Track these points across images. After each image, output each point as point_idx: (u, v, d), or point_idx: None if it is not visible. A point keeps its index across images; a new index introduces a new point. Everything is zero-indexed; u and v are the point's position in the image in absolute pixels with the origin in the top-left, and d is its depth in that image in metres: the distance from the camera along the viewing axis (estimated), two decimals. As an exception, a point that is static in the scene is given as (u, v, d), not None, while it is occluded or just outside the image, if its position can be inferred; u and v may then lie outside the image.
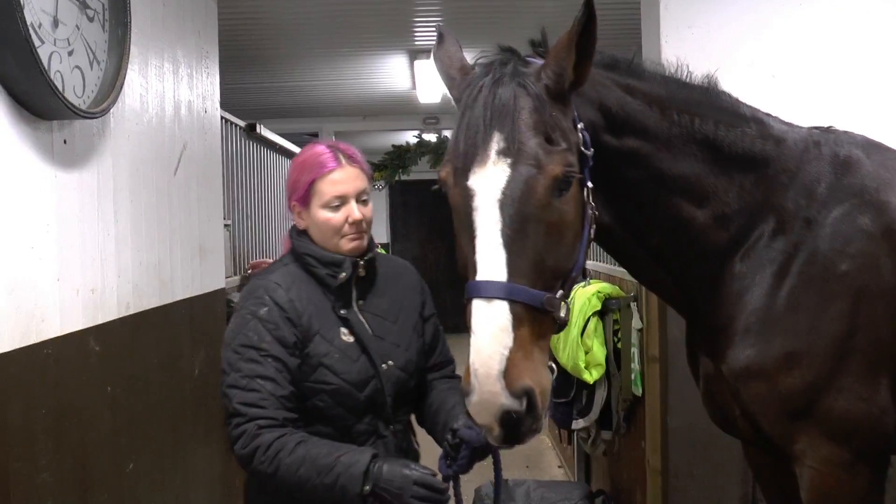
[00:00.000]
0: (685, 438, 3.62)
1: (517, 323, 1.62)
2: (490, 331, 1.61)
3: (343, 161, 2.12)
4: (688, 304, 2.20)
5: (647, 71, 2.09)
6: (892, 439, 2.05)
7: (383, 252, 2.41)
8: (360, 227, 2.12)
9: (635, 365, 3.98)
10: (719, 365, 2.12)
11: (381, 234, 12.31)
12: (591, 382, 4.15)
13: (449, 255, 13.10)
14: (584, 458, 5.41)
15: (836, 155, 2.12)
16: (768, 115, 2.19)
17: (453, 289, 12.90)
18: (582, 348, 4.12)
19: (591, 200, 1.81)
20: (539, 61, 1.83)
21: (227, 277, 4.17)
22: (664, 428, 3.69)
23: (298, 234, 2.18)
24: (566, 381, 4.38)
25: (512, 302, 1.63)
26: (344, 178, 2.11)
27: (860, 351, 1.99)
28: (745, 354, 2.04)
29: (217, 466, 3.75)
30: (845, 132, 2.22)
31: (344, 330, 2.11)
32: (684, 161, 2.03)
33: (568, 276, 1.76)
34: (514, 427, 1.62)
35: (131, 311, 2.81)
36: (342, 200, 2.09)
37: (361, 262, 2.14)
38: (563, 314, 1.72)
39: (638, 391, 3.98)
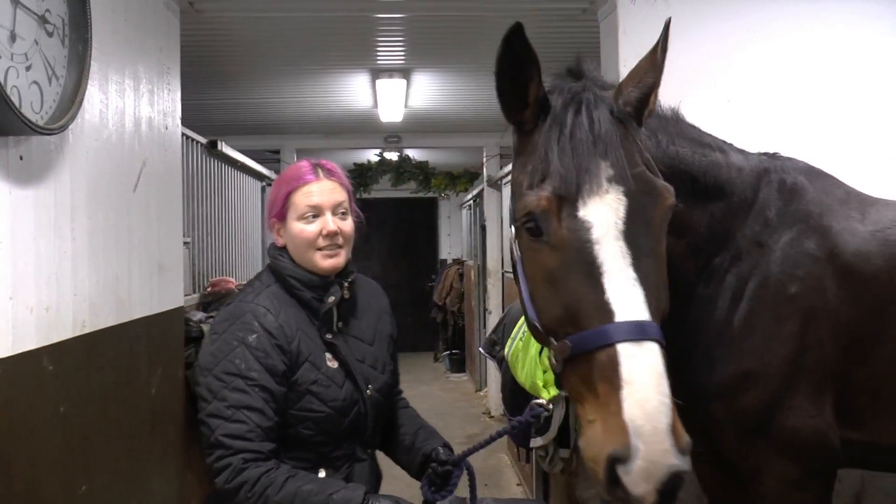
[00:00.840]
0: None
1: (665, 366, 1.43)
2: (652, 379, 1.39)
3: (320, 174, 2.09)
4: None
5: None
6: (838, 455, 2.11)
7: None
8: (336, 241, 2.07)
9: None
10: (679, 388, 2.16)
11: (342, 251, 12.25)
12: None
13: (410, 272, 13.12)
14: (543, 476, 5.42)
15: (784, 182, 2.20)
16: (725, 143, 2.25)
17: (414, 307, 12.89)
18: (540, 367, 4.14)
19: None
20: (602, 92, 1.72)
21: (186, 295, 4.12)
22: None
23: (279, 252, 2.12)
24: (524, 400, 4.39)
25: (661, 344, 1.45)
26: (319, 190, 2.07)
27: (809, 370, 2.06)
28: (705, 375, 2.09)
29: (174, 487, 3.69)
30: (789, 159, 2.30)
31: (329, 355, 2.06)
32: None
33: (665, 317, 1.58)
34: (675, 491, 1.37)
35: (87, 330, 2.76)
36: (316, 211, 2.05)
37: (346, 284, 2.11)
38: None
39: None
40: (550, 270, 1.54)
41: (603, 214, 1.52)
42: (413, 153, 9.80)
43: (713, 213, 2.12)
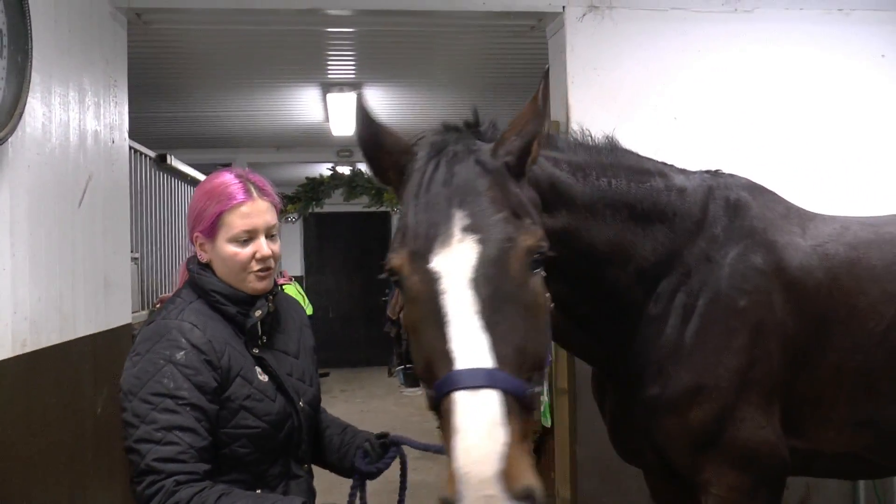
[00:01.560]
0: (594, 468, 3.69)
1: (510, 415, 1.40)
2: (482, 426, 1.38)
3: (254, 193, 1.99)
4: (606, 357, 2.25)
5: (560, 140, 2.13)
6: (787, 464, 2.15)
7: (293, 283, 2.36)
8: (268, 264, 2.01)
9: (545, 397, 4.04)
10: (632, 405, 2.18)
11: (294, 266, 12.15)
12: (504, 415, 4.17)
13: (364, 287, 13.05)
14: None
15: (728, 199, 2.24)
16: (666, 164, 2.29)
17: (367, 321, 12.77)
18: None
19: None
20: (481, 143, 1.74)
21: (133, 312, 4.04)
22: (573, 458, 3.75)
23: (201, 267, 2.02)
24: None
25: (503, 392, 1.42)
26: (254, 212, 1.98)
27: (757, 382, 2.10)
28: (657, 392, 2.11)
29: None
30: (731, 175, 2.35)
31: (258, 369, 1.99)
32: (609, 227, 2.07)
33: (543, 366, 1.57)
34: None
35: (28, 349, 2.68)
36: (251, 235, 1.97)
37: (271, 298, 2.06)
38: (538, 415, 1.57)
39: (547, 423, 4.03)
40: (412, 322, 1.57)
41: (452, 264, 1.52)
42: (365, 167, 9.76)
43: (656, 237, 2.15)
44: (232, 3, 3.82)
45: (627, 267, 2.11)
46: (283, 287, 2.44)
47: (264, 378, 2.00)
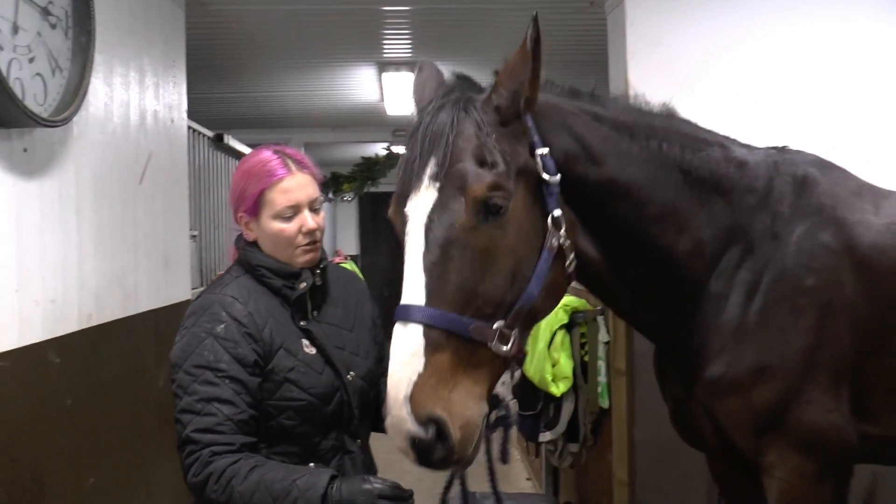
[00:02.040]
0: (652, 451, 3.64)
1: (433, 349, 1.56)
2: (401, 355, 1.57)
3: (293, 167, 2.00)
4: (664, 331, 2.20)
5: (608, 99, 2.09)
6: (855, 449, 2.08)
7: (349, 262, 2.37)
8: (315, 237, 2.02)
9: (602, 378, 4.00)
10: (693, 385, 2.14)
11: (350, 246, 12.26)
12: (559, 395, 4.15)
13: (418, 267, 13.14)
14: (552, 471, 5.41)
15: (794, 175, 2.17)
16: (727, 138, 2.23)
17: (422, 301, 12.72)
18: (549, 361, 4.13)
19: (560, 230, 1.76)
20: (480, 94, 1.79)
21: (192, 289, 4.12)
22: (631, 440, 3.71)
23: (247, 244, 2.05)
24: (533, 394, 4.38)
25: (428, 327, 1.57)
26: (295, 186, 1.98)
27: (825, 364, 2.03)
28: (720, 371, 2.06)
29: (182, 480, 3.69)
30: (798, 152, 2.27)
31: (305, 342, 2.00)
32: (659, 187, 2.03)
33: (510, 307, 1.67)
34: (425, 454, 1.57)
35: (93, 323, 2.76)
36: (295, 210, 1.98)
37: (318, 271, 2.05)
38: (506, 347, 1.65)
39: (605, 404, 3.99)
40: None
41: (415, 209, 1.66)
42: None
43: (712, 209, 2.09)
44: (288, -17, 3.84)
45: (682, 236, 2.05)
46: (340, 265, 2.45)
47: (311, 351, 2.00)
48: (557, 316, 4.17)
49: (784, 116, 3.69)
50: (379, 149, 9.44)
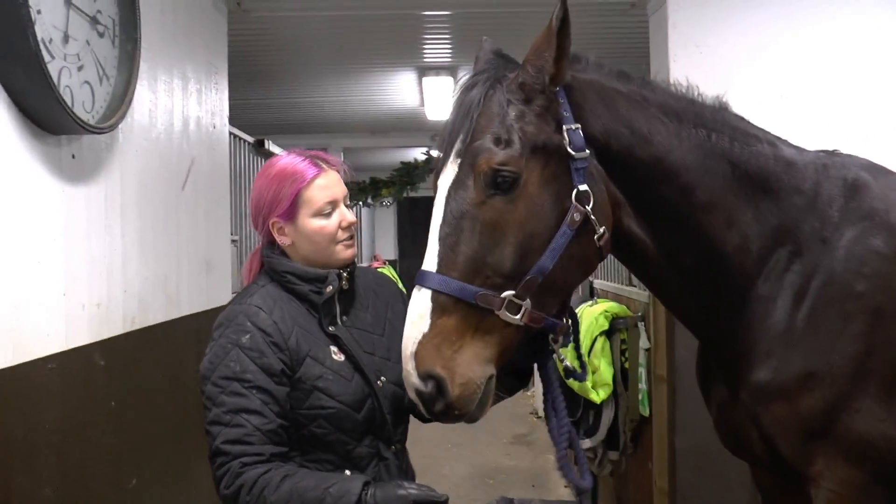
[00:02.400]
0: (693, 459, 3.59)
1: (440, 312, 1.71)
2: (412, 317, 1.73)
3: (324, 166, 2.02)
4: (710, 327, 2.17)
5: (658, 85, 2.09)
6: None
7: (387, 267, 2.35)
8: (352, 231, 2.02)
9: (643, 385, 3.96)
10: (738, 389, 2.10)
11: (388, 250, 12.31)
12: (598, 402, 4.12)
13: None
14: (591, 479, 5.36)
15: (845, 178, 2.12)
16: (778, 137, 2.19)
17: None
18: (589, 368, 4.10)
19: (586, 205, 1.81)
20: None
21: (233, 293, 4.16)
22: (671, 449, 3.66)
23: (271, 252, 2.05)
24: (573, 401, 4.35)
25: (437, 292, 1.72)
26: (330, 183, 2.00)
27: (877, 372, 1.98)
28: (766, 376, 2.02)
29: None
30: (850, 156, 2.22)
31: (334, 348, 1.98)
32: (706, 175, 2.01)
33: (521, 278, 1.75)
34: (427, 406, 1.73)
35: (137, 326, 2.80)
36: (333, 205, 1.99)
37: (345, 274, 2.03)
38: (517, 316, 1.74)
39: (645, 411, 3.95)
40: None
41: (442, 183, 1.80)
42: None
43: (759, 206, 2.06)
44: (329, -11, 3.87)
45: (731, 230, 2.03)
46: (379, 270, 2.45)
47: (340, 357, 1.98)
48: (598, 322, 4.14)
49: (832, 119, 3.61)
50: (418, 153, 9.47)
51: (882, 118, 3.65)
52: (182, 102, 3.33)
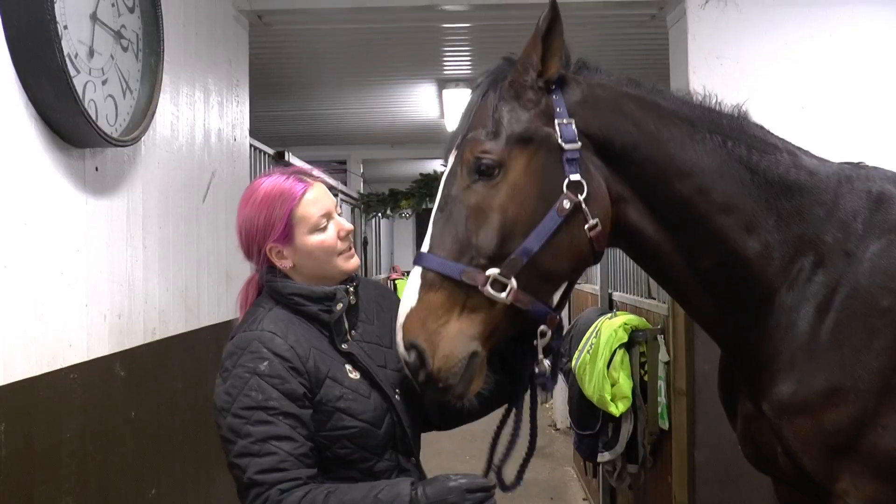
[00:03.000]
0: (713, 473, 3.56)
1: (427, 287, 1.83)
2: (406, 291, 1.85)
3: (308, 180, 1.97)
4: (732, 334, 2.15)
5: (671, 93, 2.12)
6: None
7: (406, 278, 2.33)
8: (350, 240, 1.99)
9: (662, 398, 3.93)
10: (761, 401, 2.08)
11: (407, 262, 12.32)
12: (618, 415, 4.09)
13: (475, 282, 13.14)
14: (610, 492, 5.33)
15: (869, 191, 2.09)
16: (799, 148, 2.18)
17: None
18: (608, 380, 4.08)
19: (578, 195, 1.88)
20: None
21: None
22: (691, 462, 3.63)
23: (272, 276, 1.98)
24: (592, 414, 4.33)
25: (426, 269, 1.84)
26: (319, 195, 1.96)
27: None
28: (789, 389, 2.00)
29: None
30: (875, 168, 2.20)
31: (349, 366, 1.95)
32: (723, 178, 2.02)
33: (504, 258, 1.84)
34: (413, 375, 1.83)
35: (157, 337, 2.83)
36: (328, 217, 1.95)
37: (351, 289, 2.00)
38: (502, 294, 1.82)
39: (664, 425, 3.92)
40: None
41: (445, 172, 1.96)
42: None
43: (780, 214, 2.05)
44: (349, 2, 3.89)
45: (752, 235, 2.03)
46: (397, 282, 2.44)
47: (356, 375, 1.95)
48: (617, 335, 4.12)
49: (853, 131, 3.58)
50: (438, 165, 9.49)
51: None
52: (204, 115, 3.37)
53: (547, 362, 1.97)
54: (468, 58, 5.60)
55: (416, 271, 1.86)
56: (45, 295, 2.15)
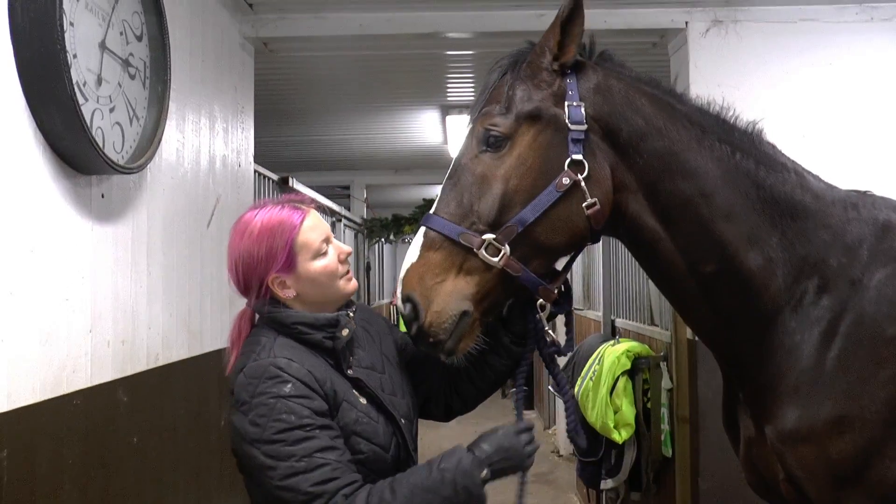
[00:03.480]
0: (716, 501, 3.53)
1: (427, 246, 1.94)
2: (411, 248, 1.97)
3: (303, 207, 1.99)
4: (733, 351, 2.15)
5: (688, 98, 2.17)
6: None
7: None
8: (349, 263, 2.02)
9: (665, 425, 3.91)
10: (764, 425, 2.07)
11: (410, 285, 12.30)
12: (621, 442, 4.08)
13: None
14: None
15: (876, 218, 2.10)
16: (808, 171, 2.19)
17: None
18: (611, 408, 4.07)
19: (579, 173, 1.95)
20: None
21: (255, 329, 4.18)
22: (694, 490, 3.61)
23: (272, 305, 1.94)
24: (595, 441, 4.31)
25: (428, 229, 1.95)
26: (315, 222, 1.97)
27: None
28: (793, 416, 1.99)
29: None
30: (882, 197, 2.20)
31: (355, 392, 1.94)
32: (727, 186, 2.04)
33: (501, 223, 1.94)
34: (407, 326, 1.95)
35: (160, 363, 2.83)
36: (328, 241, 1.97)
37: (351, 315, 2.01)
38: (495, 258, 1.91)
39: (668, 452, 3.90)
40: None
41: (461, 142, 2.07)
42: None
43: (785, 232, 2.05)
44: (354, 30, 3.94)
45: (753, 248, 2.03)
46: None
47: (363, 400, 1.95)
48: (620, 362, 4.12)
49: (854, 158, 3.61)
50: (440, 190, 9.53)
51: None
52: (209, 141, 3.39)
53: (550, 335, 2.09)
54: (471, 84, 5.65)
55: (421, 231, 1.97)
56: (51, 321, 2.16)
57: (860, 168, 3.51)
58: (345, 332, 1.95)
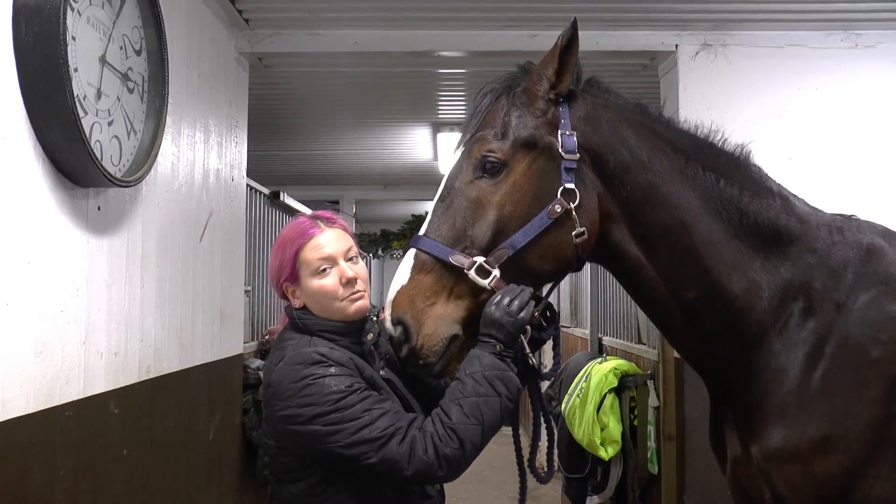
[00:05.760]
0: (702, 520, 3.56)
1: (418, 268, 1.94)
2: (400, 270, 1.96)
3: (321, 225, 2.04)
4: (719, 372, 2.17)
5: (675, 123, 2.19)
6: None
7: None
8: (357, 286, 2.02)
9: (651, 443, 3.94)
10: (750, 445, 2.09)
11: (397, 300, 12.31)
12: (607, 459, 4.11)
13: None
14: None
15: (860, 242, 2.13)
16: (794, 195, 2.22)
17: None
18: (598, 425, 4.09)
19: (570, 203, 1.97)
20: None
21: (245, 343, 4.19)
22: (681, 508, 3.63)
23: (301, 312, 2.03)
24: (581, 458, 4.33)
25: (419, 251, 1.95)
26: (325, 241, 2.01)
27: (895, 439, 1.97)
28: (779, 436, 2.01)
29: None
30: (867, 221, 2.24)
31: (387, 390, 2.00)
32: (708, 217, 2.07)
33: (493, 249, 1.95)
34: (396, 349, 1.92)
35: (152, 375, 2.83)
36: (330, 263, 1.99)
37: (375, 320, 2.08)
38: (485, 280, 1.91)
39: (654, 469, 3.93)
40: None
41: (449, 167, 2.06)
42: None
43: (769, 257, 2.09)
44: (349, 47, 3.98)
45: (736, 272, 2.07)
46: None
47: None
48: (607, 379, 4.15)
49: (839, 182, 3.67)
50: (429, 206, 9.56)
51: (890, 183, 3.70)
52: (203, 155, 3.41)
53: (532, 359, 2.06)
54: (463, 102, 5.70)
55: (411, 252, 1.97)
56: (45, 332, 2.17)
57: (846, 191, 3.57)
58: (369, 336, 2.05)
